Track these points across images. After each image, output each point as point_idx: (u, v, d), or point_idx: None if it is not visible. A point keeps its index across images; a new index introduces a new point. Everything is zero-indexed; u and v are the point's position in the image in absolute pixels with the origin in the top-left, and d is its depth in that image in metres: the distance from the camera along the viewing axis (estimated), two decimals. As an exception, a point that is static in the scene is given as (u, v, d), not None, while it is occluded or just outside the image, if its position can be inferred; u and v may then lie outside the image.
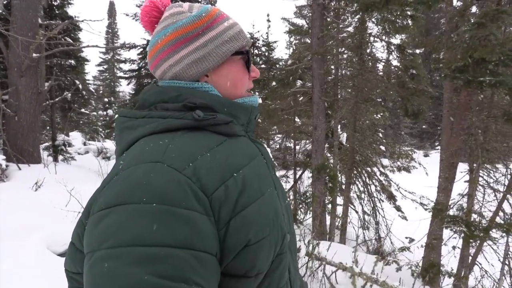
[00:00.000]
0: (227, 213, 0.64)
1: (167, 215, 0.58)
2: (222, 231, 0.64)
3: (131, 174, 0.62)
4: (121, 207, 0.59)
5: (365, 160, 8.86)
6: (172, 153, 0.65)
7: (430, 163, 10.49)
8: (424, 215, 6.06)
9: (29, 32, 7.54)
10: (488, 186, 6.02)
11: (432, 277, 4.58)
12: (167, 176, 0.61)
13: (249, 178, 0.71)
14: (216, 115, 0.75)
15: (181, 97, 0.76)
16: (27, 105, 7.67)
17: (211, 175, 0.65)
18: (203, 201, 0.62)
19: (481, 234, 4.52)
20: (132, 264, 0.54)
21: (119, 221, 0.58)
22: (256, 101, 0.89)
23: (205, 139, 0.72)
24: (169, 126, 0.72)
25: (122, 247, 0.55)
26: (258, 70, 0.89)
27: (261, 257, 0.68)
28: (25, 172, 6.76)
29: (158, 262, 0.55)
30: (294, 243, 0.89)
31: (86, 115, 15.49)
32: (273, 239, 0.71)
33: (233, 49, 0.81)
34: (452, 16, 5.55)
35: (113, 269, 0.54)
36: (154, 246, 0.55)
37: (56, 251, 3.49)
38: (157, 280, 0.53)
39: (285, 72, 8.58)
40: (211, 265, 0.61)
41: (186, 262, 0.56)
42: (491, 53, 3.91)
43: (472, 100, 5.60)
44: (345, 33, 8.42)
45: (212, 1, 11.69)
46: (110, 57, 37.74)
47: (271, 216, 0.72)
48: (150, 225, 0.56)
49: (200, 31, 0.80)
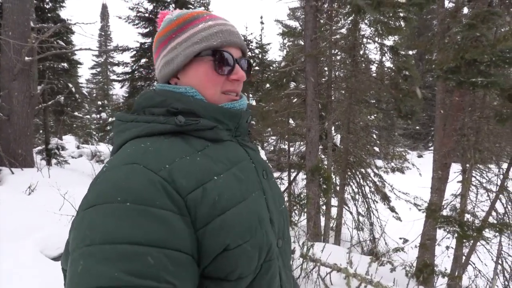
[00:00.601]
0: (205, 215, 0.65)
1: (140, 214, 0.59)
2: (199, 233, 0.65)
3: (111, 175, 0.65)
4: (99, 207, 0.61)
5: (359, 161, 8.89)
6: (150, 155, 0.67)
7: (423, 164, 10.57)
8: (418, 215, 6.09)
9: (21, 36, 7.48)
10: (481, 186, 6.08)
11: (426, 277, 4.59)
12: (143, 177, 0.63)
13: (230, 183, 0.72)
14: (199, 120, 0.76)
15: (166, 102, 0.78)
16: (20, 109, 7.60)
17: (187, 177, 0.66)
18: (177, 201, 0.63)
19: (474, 234, 4.55)
20: (104, 261, 0.55)
21: (95, 220, 0.60)
22: (241, 105, 0.86)
23: (187, 143, 0.74)
24: (153, 130, 0.74)
25: (96, 244, 0.57)
26: (242, 73, 0.84)
27: (242, 263, 0.68)
28: (18, 176, 6.70)
29: (128, 260, 0.56)
30: (287, 249, 0.88)
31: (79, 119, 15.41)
32: (257, 245, 0.71)
33: (197, 50, 0.80)
34: (444, 17, 5.61)
35: (87, 267, 0.56)
36: (125, 244, 0.57)
37: (50, 255, 3.46)
38: (127, 278, 0.55)
39: (278, 74, 8.60)
40: (184, 264, 0.61)
41: (157, 260, 0.57)
42: (482, 54, 3.94)
43: (465, 101, 5.65)
44: (338, 35, 8.46)
45: (205, 4, 11.69)
46: (103, 60, 37.57)
47: (253, 222, 0.72)
48: (123, 224, 0.58)
49: (173, 34, 0.83)
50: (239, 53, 0.86)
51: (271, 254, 0.75)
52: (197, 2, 11.55)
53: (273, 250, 0.76)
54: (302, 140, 10.66)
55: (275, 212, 0.83)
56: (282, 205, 0.90)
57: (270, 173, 0.91)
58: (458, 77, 4.24)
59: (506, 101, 4.25)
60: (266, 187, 0.83)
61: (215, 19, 0.84)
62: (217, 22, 0.83)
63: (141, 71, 11.74)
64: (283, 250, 0.85)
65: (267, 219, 0.77)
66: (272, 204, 0.83)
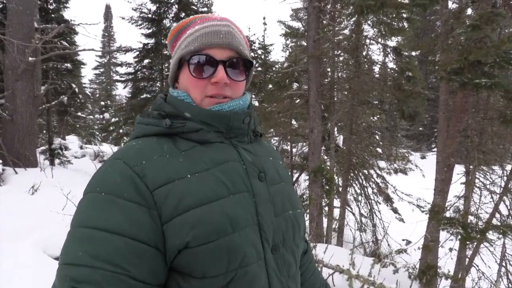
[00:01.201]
0: (169, 210, 0.69)
1: (109, 203, 0.67)
2: (164, 227, 0.69)
3: (100, 168, 0.75)
4: (86, 195, 0.71)
5: (361, 162, 8.88)
6: (132, 152, 0.75)
7: (426, 165, 10.53)
8: (421, 217, 6.06)
9: (25, 36, 7.52)
10: (484, 188, 6.05)
11: (429, 279, 4.58)
12: (118, 170, 0.71)
13: (204, 182, 0.74)
14: (185, 123, 0.79)
15: (160, 106, 0.85)
16: (23, 109, 7.64)
17: (158, 174, 0.71)
18: (145, 194, 0.69)
19: (478, 236, 4.53)
20: (74, 241, 0.66)
21: (80, 206, 0.71)
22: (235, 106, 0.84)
23: (173, 144, 0.79)
24: (148, 132, 0.81)
25: (75, 227, 0.68)
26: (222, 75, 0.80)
27: (204, 261, 0.69)
28: (22, 176, 6.72)
29: (92, 243, 0.64)
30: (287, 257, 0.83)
31: (82, 119, 15.46)
32: (223, 247, 0.70)
33: (179, 56, 0.85)
34: (448, 18, 5.59)
35: (66, 244, 0.67)
36: (93, 229, 0.65)
37: (52, 255, 3.47)
38: (87, 258, 0.63)
39: (281, 74, 8.60)
40: (143, 254, 0.66)
41: (117, 247, 0.64)
42: (486, 55, 3.92)
43: (468, 102, 5.62)
44: (341, 36, 8.46)
45: (208, 4, 11.71)
46: (107, 61, 37.71)
47: (221, 223, 0.71)
48: (95, 211, 0.67)
49: (174, 43, 0.91)
50: (227, 53, 0.83)
51: (249, 259, 0.73)
52: (200, 3, 11.57)
53: (251, 256, 0.73)
54: (304, 141, 10.65)
55: (269, 216, 0.80)
56: (288, 210, 0.87)
57: (274, 177, 0.88)
58: (461, 78, 4.22)
59: (510, 103, 4.23)
60: (260, 190, 0.81)
61: (205, 22, 0.85)
62: (205, 25, 0.83)
63: (144, 71, 11.77)
64: (281, 258, 0.81)
65: (246, 223, 0.74)
66: (266, 208, 0.80)
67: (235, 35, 0.85)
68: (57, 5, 11.31)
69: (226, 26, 0.84)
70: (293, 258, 0.86)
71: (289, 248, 0.85)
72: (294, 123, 10.65)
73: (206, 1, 11.79)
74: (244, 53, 0.86)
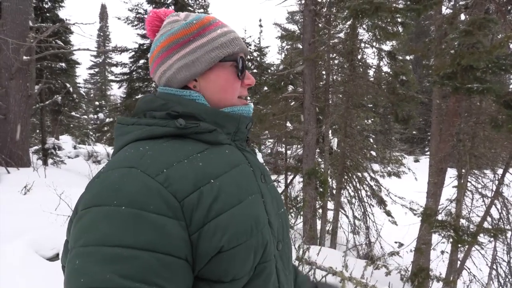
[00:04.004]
0: (200, 218, 0.66)
1: (134, 218, 0.61)
2: (194, 236, 0.66)
3: (108, 178, 0.67)
4: (95, 209, 0.63)
5: (355, 165, 8.92)
6: (148, 159, 0.68)
7: (419, 169, 10.61)
8: (414, 220, 6.11)
9: (19, 35, 7.48)
10: (476, 191, 6.10)
11: (421, 281, 4.61)
12: (139, 181, 0.64)
13: (227, 185, 0.73)
14: (199, 123, 0.77)
15: (167, 106, 0.80)
16: (17, 108, 7.59)
17: (184, 181, 0.67)
18: (173, 205, 0.64)
19: (469, 239, 4.57)
20: (98, 262, 0.58)
21: (91, 221, 0.62)
22: (248, 111, 0.89)
23: (186, 146, 0.75)
24: (153, 134, 0.75)
25: (91, 246, 0.60)
26: (253, 78, 0.90)
27: (235, 264, 0.69)
28: (14, 176, 6.68)
29: (121, 262, 0.58)
30: (287, 252, 0.89)
31: (76, 119, 15.38)
32: (251, 247, 0.71)
33: (222, 55, 0.83)
34: (441, 23, 5.65)
35: (81, 266, 0.59)
36: (118, 247, 0.59)
37: (45, 256, 3.45)
38: (118, 279, 0.57)
39: (276, 77, 8.63)
40: (177, 268, 0.63)
41: (148, 264, 0.59)
42: (478, 60, 3.97)
43: (461, 106, 5.68)
44: (336, 39, 8.52)
45: (204, 6, 11.72)
46: (102, 61, 37.53)
47: (249, 224, 0.72)
48: (117, 227, 0.60)
49: (191, 37, 0.83)
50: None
51: (266, 256, 0.76)
52: (196, 4, 11.58)
53: (269, 252, 0.77)
54: (299, 143, 10.68)
55: (273, 215, 0.84)
56: (281, 208, 0.91)
57: (268, 177, 0.91)
58: (454, 82, 4.27)
59: (502, 108, 4.28)
60: (265, 190, 0.84)
61: (222, 26, 0.87)
62: (230, 29, 0.87)
63: (140, 72, 11.75)
64: (283, 253, 0.85)
65: (264, 222, 0.78)
66: (270, 207, 0.84)
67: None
68: (52, 4, 11.27)
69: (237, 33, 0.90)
70: (289, 252, 0.91)
71: (287, 243, 0.89)
72: (289, 125, 10.68)
73: (203, 3, 11.81)
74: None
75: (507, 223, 5.77)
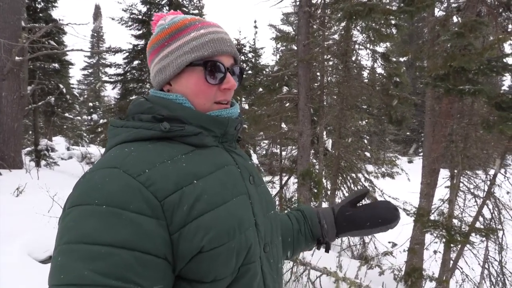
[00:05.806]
0: (182, 218, 0.67)
1: (113, 216, 0.63)
2: (175, 236, 0.67)
3: (92, 178, 0.69)
4: (79, 207, 0.65)
5: (350, 166, 8.96)
6: (131, 160, 0.70)
7: (412, 169, 10.67)
8: (407, 220, 6.12)
9: (12, 35, 7.42)
10: (468, 191, 6.15)
11: (414, 281, 4.64)
12: (120, 181, 0.66)
13: (211, 186, 0.74)
14: (184, 126, 0.78)
15: (153, 109, 0.81)
16: (9, 109, 7.53)
17: (166, 181, 0.69)
18: (153, 205, 0.66)
19: (461, 239, 4.61)
20: (77, 260, 0.60)
21: (74, 220, 0.64)
22: (232, 113, 0.87)
23: (171, 148, 0.76)
24: (139, 136, 0.77)
25: (72, 243, 0.62)
26: (233, 82, 0.85)
27: (217, 265, 0.70)
28: (6, 178, 6.62)
29: (98, 260, 0.60)
30: (275, 254, 0.89)
31: (70, 120, 15.29)
32: (233, 248, 0.72)
33: (189, 59, 0.81)
34: (434, 25, 5.70)
35: (62, 263, 0.61)
36: (97, 245, 0.61)
37: (38, 258, 3.43)
38: (95, 276, 0.58)
39: (271, 78, 8.65)
40: (154, 266, 0.64)
41: (126, 262, 0.61)
42: (470, 62, 4.01)
43: (453, 107, 5.73)
44: (330, 41, 8.54)
45: (199, 7, 11.72)
46: (95, 61, 37.33)
47: (232, 225, 0.73)
48: (97, 225, 0.62)
49: (166, 42, 0.85)
50: (231, 60, 0.87)
51: (250, 257, 0.76)
52: (191, 5, 11.57)
53: (253, 254, 0.77)
54: (294, 144, 10.70)
55: (261, 216, 0.84)
56: (271, 210, 0.91)
57: (258, 179, 0.92)
58: (446, 84, 4.31)
59: (493, 109, 4.33)
60: (252, 192, 0.85)
61: (207, 26, 0.85)
62: (209, 30, 0.84)
63: (134, 73, 11.71)
64: (271, 255, 0.86)
65: (249, 223, 0.78)
66: (258, 209, 0.84)
67: (233, 43, 0.89)
68: (45, 4, 11.20)
69: (226, 34, 0.87)
70: (278, 254, 0.91)
71: (275, 245, 0.90)
72: (283, 126, 10.70)
73: (197, 4, 11.81)
74: (239, 61, 0.91)
75: (499, 223, 5.83)
